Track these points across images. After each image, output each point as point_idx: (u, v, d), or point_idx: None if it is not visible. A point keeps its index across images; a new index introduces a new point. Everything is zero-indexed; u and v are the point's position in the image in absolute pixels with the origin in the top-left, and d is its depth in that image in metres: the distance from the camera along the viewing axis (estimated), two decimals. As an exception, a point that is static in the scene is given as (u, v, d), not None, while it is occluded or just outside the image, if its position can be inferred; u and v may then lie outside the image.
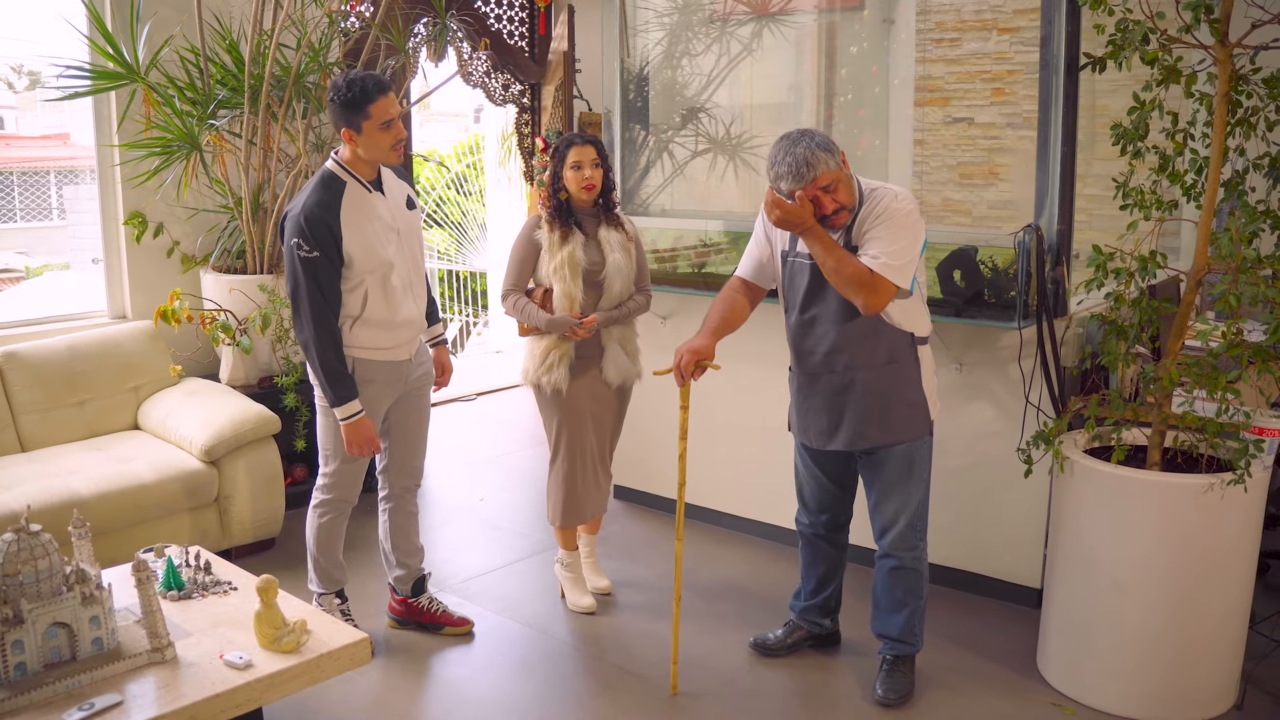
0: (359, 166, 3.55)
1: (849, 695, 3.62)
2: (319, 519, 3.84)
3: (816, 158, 3.17)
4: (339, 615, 3.83)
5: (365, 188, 3.56)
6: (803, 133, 3.24)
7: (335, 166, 3.55)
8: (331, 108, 3.49)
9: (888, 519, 3.52)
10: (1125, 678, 3.43)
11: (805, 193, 3.21)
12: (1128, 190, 3.46)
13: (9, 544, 2.60)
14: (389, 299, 3.60)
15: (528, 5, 6.82)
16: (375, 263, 3.54)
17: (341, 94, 3.43)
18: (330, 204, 3.48)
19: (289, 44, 5.18)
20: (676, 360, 3.41)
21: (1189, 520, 3.27)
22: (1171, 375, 3.36)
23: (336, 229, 3.46)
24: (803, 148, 3.19)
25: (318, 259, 3.45)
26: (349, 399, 3.55)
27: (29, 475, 4.27)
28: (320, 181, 3.53)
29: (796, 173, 3.19)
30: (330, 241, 3.46)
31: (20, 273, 11.73)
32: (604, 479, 4.21)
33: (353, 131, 3.46)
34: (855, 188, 3.32)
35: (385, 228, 3.58)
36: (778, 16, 5.18)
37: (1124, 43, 3.31)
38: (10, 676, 2.56)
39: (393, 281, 3.60)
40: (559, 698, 3.62)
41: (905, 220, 3.25)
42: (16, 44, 8.73)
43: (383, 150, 3.50)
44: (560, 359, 3.99)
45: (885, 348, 3.39)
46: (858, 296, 3.21)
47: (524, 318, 4.03)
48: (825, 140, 3.22)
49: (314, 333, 3.49)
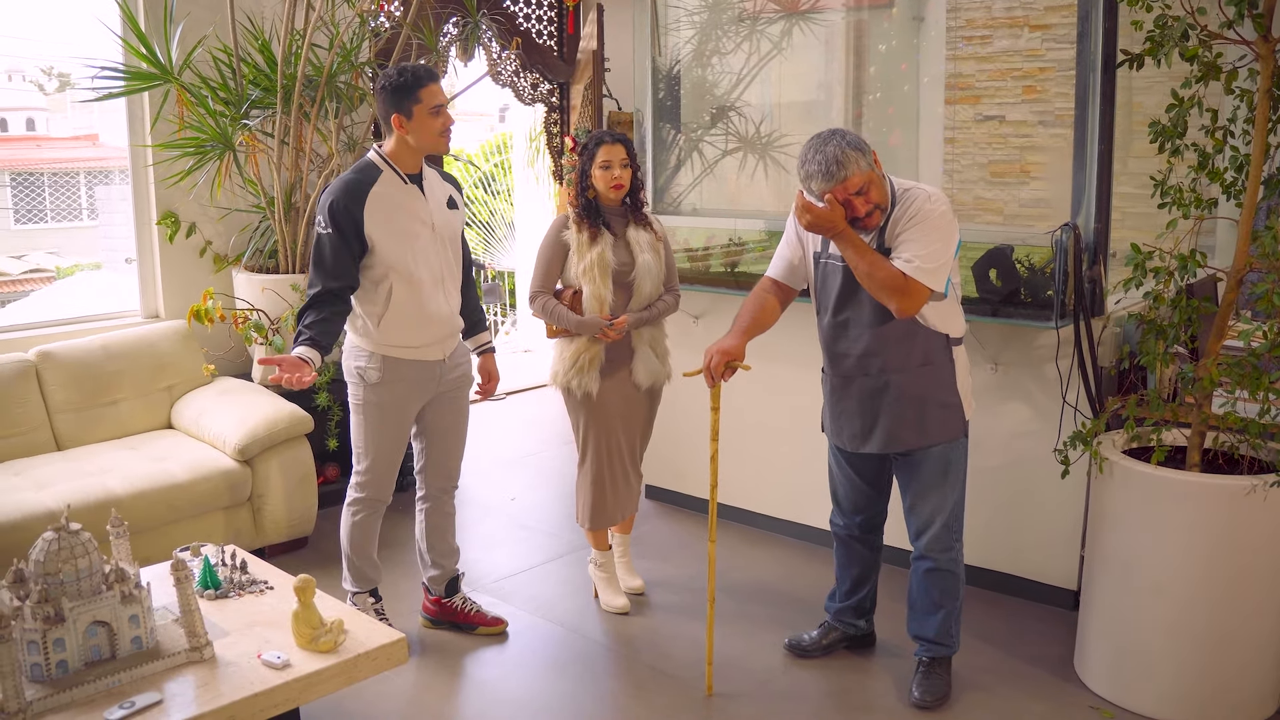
0: (402, 158, 3.58)
1: (884, 697, 3.60)
2: (352, 517, 3.84)
3: (847, 157, 3.15)
4: (372, 614, 3.84)
5: (401, 179, 3.58)
6: (833, 132, 3.21)
7: (375, 155, 3.60)
8: (382, 96, 3.52)
9: (924, 521, 3.50)
10: (1164, 681, 3.40)
11: (836, 194, 3.18)
12: (1166, 188, 3.43)
13: (50, 542, 2.62)
14: (416, 294, 3.61)
15: (556, 4, 6.82)
16: (399, 254, 3.55)
17: (393, 80, 3.49)
18: (358, 188, 3.52)
19: (321, 44, 5.20)
20: (706, 361, 3.39)
21: (1230, 522, 3.23)
22: (1212, 375, 3.32)
23: (359, 213, 3.50)
24: (833, 147, 3.16)
25: (330, 236, 3.49)
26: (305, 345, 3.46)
27: (65, 474, 4.30)
28: (356, 166, 3.60)
29: (827, 172, 3.16)
30: (349, 223, 3.49)
31: (51, 273, 11.82)
32: (634, 479, 4.19)
33: (403, 117, 3.50)
34: (887, 188, 3.29)
35: (415, 220, 3.59)
36: (807, 14, 5.16)
37: (1163, 39, 3.27)
38: (52, 674, 2.57)
39: (420, 275, 3.60)
40: (593, 698, 3.61)
41: (939, 222, 3.22)
42: (47, 46, 8.80)
43: (432, 136, 3.54)
44: (590, 362, 3.97)
45: (920, 350, 3.36)
46: (891, 301, 3.19)
47: (553, 319, 4.01)
48: (856, 140, 3.19)
49: (309, 294, 3.54)
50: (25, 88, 13.31)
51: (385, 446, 3.75)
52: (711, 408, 3.53)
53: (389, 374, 3.64)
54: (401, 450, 3.83)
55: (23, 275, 12.07)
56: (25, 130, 14.09)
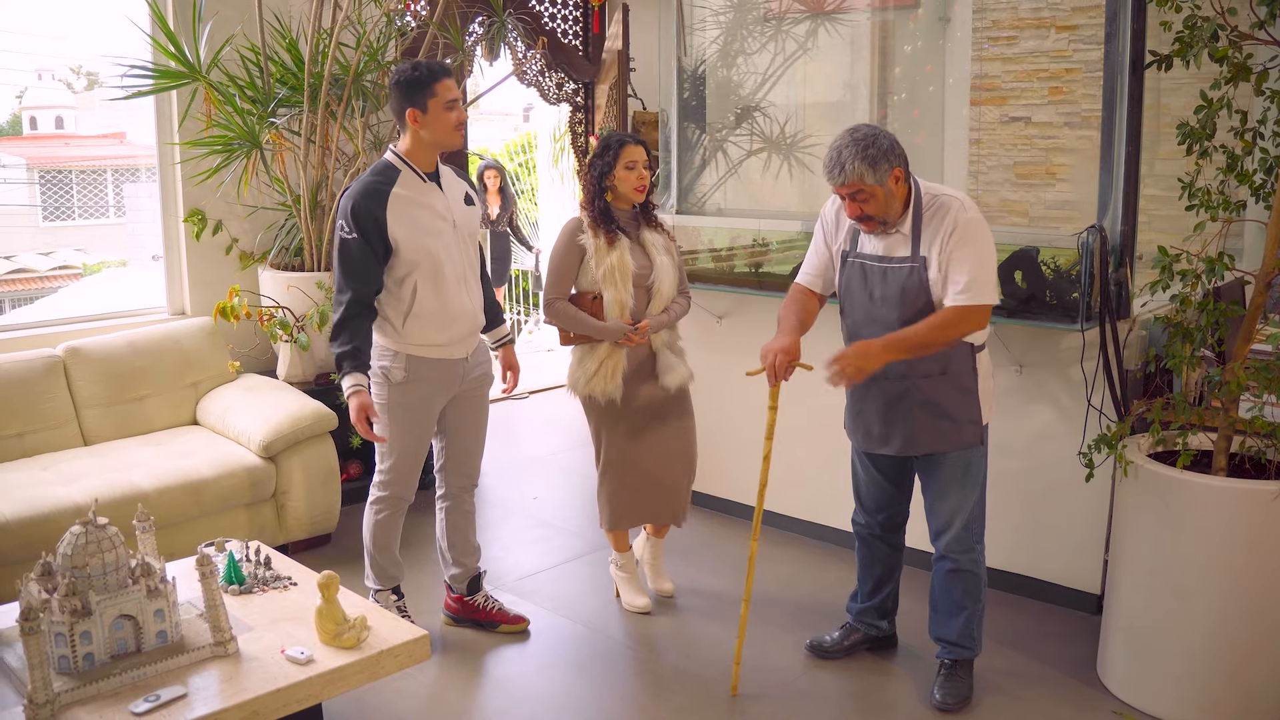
0: (417, 156, 3.59)
1: (906, 699, 3.59)
2: (375, 515, 3.85)
3: (851, 168, 3.20)
4: (395, 611, 3.85)
5: (420, 178, 3.59)
6: (857, 136, 3.23)
7: (392, 156, 3.61)
8: (396, 90, 3.53)
9: (943, 521, 3.49)
10: (1188, 686, 3.37)
11: (835, 189, 3.29)
12: (1194, 190, 3.40)
13: (77, 536, 2.64)
14: (440, 291, 3.62)
15: (582, 4, 6.83)
16: (423, 252, 3.56)
17: (407, 74, 3.51)
18: (380, 189, 3.53)
19: (348, 43, 5.23)
20: (770, 360, 3.37)
21: (1256, 527, 3.21)
22: (1239, 379, 3.30)
23: (382, 215, 3.51)
24: (849, 152, 3.21)
25: (355, 241, 3.50)
26: (349, 372, 3.55)
27: (91, 469, 4.34)
28: (374, 168, 3.60)
29: (829, 170, 3.27)
30: (373, 226, 3.50)
31: (78, 269, 11.91)
32: (668, 482, 4.11)
33: (418, 111, 3.51)
34: (899, 202, 3.29)
35: (437, 217, 3.61)
36: (833, 15, 5.16)
37: (1192, 39, 3.25)
38: (79, 667, 2.60)
39: (444, 272, 3.61)
40: (614, 697, 3.62)
41: (978, 233, 3.24)
42: (76, 45, 8.86)
43: (447, 130, 3.55)
44: (614, 369, 3.94)
45: (941, 358, 3.35)
46: (961, 334, 3.25)
47: (573, 326, 3.96)
48: (876, 154, 3.19)
49: (339, 307, 3.55)
50: (54, 86, 13.42)
51: (409, 445, 3.76)
52: (769, 407, 3.51)
53: (413, 373, 3.66)
54: (425, 449, 3.84)
55: (51, 272, 12.17)
56: (54, 128, 14.21)
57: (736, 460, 5.09)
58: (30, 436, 4.57)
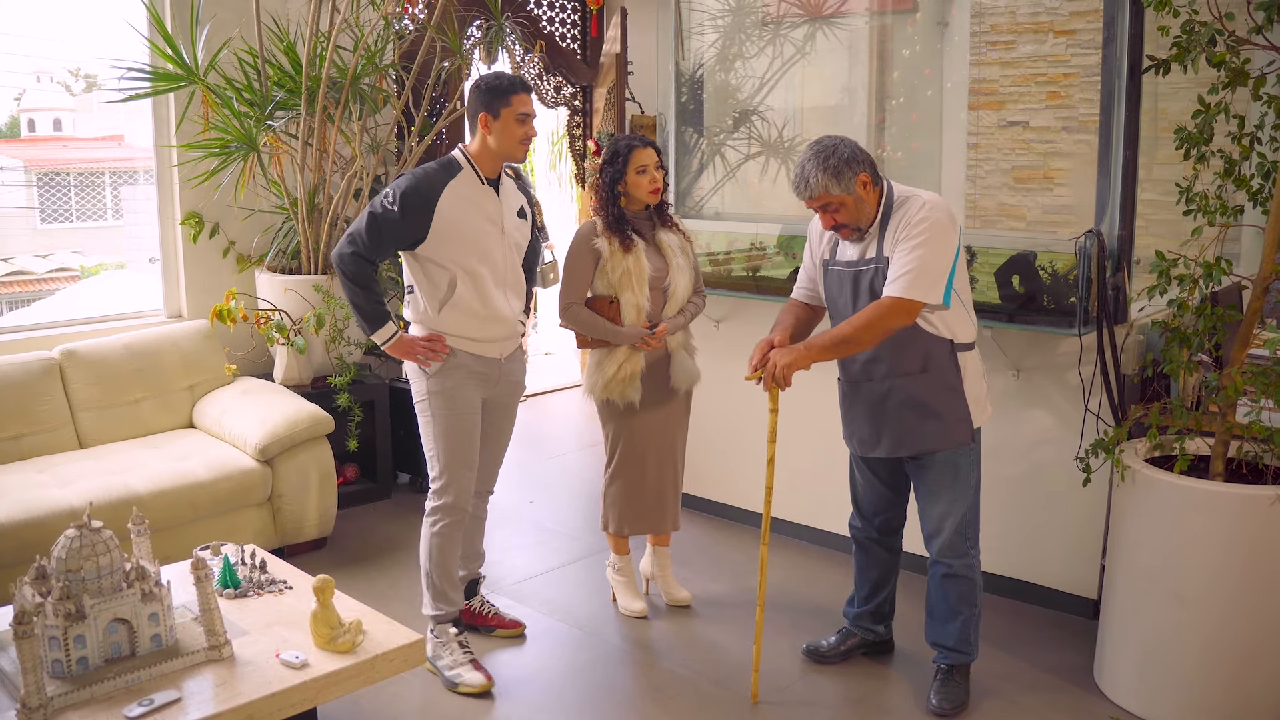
0: (482, 160, 3.61)
1: (903, 704, 3.58)
2: (432, 529, 3.72)
3: (815, 181, 3.26)
4: (457, 648, 3.72)
5: (480, 179, 3.61)
6: (818, 149, 3.29)
7: (459, 153, 3.65)
8: (475, 93, 3.58)
9: (934, 524, 3.49)
10: (1186, 693, 3.37)
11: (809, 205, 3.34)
12: (1192, 195, 3.40)
13: (72, 540, 2.64)
14: (479, 289, 3.61)
15: (580, 8, 6.83)
16: (467, 248, 3.56)
17: (489, 81, 3.57)
18: (439, 179, 3.56)
19: (345, 46, 5.22)
20: (770, 369, 3.36)
21: (1254, 532, 3.21)
22: (1237, 384, 3.29)
23: (434, 200, 3.52)
24: (811, 166, 3.27)
25: (393, 214, 3.49)
26: (382, 323, 3.59)
27: (87, 472, 4.33)
28: (439, 160, 3.64)
29: (796, 186, 3.35)
30: (420, 207, 3.51)
31: (76, 272, 11.90)
32: (671, 490, 4.14)
33: (490, 116, 3.54)
34: (871, 207, 3.31)
35: (487, 219, 3.61)
36: (831, 19, 5.16)
37: (1190, 44, 3.25)
38: (72, 670, 2.59)
39: (483, 273, 3.60)
40: (611, 701, 3.61)
41: (931, 231, 3.21)
42: (74, 48, 8.84)
43: (513, 142, 3.57)
44: (633, 373, 3.94)
45: (920, 355, 3.36)
46: (890, 327, 3.24)
47: (590, 331, 3.95)
48: (838, 163, 3.24)
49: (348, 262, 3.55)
50: (53, 89, 13.40)
51: (456, 441, 3.65)
52: (770, 409, 3.51)
53: (448, 360, 3.62)
54: (473, 446, 3.71)
55: (48, 274, 12.15)
56: (52, 130, 14.19)
57: (733, 465, 5.09)
58: (26, 439, 4.56)
